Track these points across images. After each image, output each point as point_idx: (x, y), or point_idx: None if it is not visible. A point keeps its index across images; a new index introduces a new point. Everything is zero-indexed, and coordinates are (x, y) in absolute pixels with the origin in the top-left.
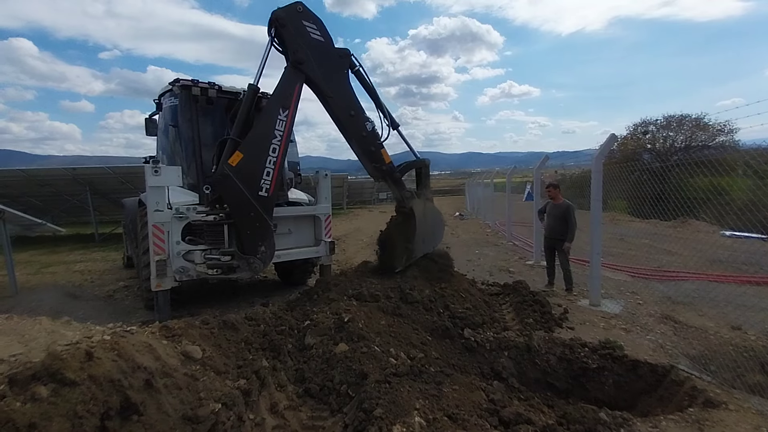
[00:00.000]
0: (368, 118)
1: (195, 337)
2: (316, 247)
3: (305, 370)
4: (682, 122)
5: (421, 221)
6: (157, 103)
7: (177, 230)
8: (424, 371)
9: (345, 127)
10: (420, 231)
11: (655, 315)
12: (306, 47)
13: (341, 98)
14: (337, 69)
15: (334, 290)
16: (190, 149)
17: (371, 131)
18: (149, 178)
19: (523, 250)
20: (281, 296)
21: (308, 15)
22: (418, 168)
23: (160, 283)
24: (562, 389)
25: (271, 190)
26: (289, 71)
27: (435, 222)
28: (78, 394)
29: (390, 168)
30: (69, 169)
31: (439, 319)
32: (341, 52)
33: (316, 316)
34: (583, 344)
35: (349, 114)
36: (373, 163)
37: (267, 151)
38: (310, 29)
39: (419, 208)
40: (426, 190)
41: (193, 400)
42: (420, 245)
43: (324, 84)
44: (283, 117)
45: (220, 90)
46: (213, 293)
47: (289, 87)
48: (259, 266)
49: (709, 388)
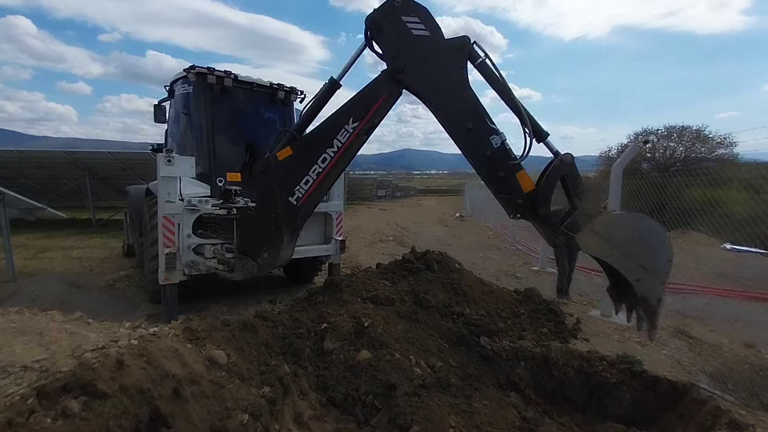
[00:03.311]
0: (495, 130)
1: (219, 340)
2: (327, 245)
3: (327, 377)
4: (682, 133)
5: (623, 245)
6: (168, 90)
7: (188, 223)
8: (452, 383)
9: (461, 143)
10: (630, 255)
11: (668, 329)
12: (408, 50)
13: (454, 106)
14: (450, 67)
15: (347, 291)
16: (202, 139)
17: (499, 148)
18: (162, 167)
19: (527, 255)
20: (288, 294)
21: (408, 7)
22: (561, 176)
23: (169, 277)
24: (580, 403)
25: (302, 200)
26: (380, 78)
27: (639, 232)
28: (110, 407)
29: (531, 199)
30: (69, 152)
31: (454, 325)
32: (456, 44)
33: (333, 319)
34: (600, 357)
35: (465, 127)
36: (504, 194)
37: (316, 158)
38: (412, 25)
39: (601, 230)
40: (586, 200)
41: (220, 410)
42: (652, 271)
43: (429, 90)
44: (350, 128)
45: (236, 79)
46: (218, 288)
47: (370, 97)
48: (253, 270)
49: (733, 409)
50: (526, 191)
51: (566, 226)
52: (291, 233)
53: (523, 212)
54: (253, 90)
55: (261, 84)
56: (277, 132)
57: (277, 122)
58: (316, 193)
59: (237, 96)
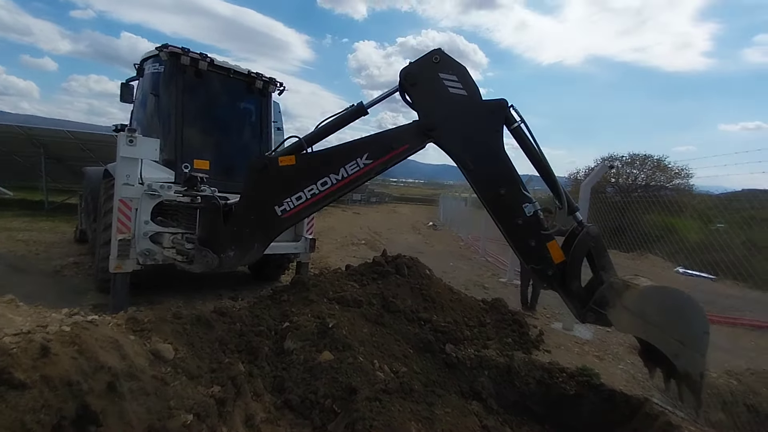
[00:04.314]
0: (529, 198)
1: (167, 333)
2: (296, 243)
3: (285, 378)
4: (645, 161)
5: (658, 320)
6: (138, 68)
7: (147, 208)
8: (414, 389)
9: (492, 208)
10: (666, 330)
11: (625, 344)
12: (443, 108)
13: (488, 170)
14: (486, 130)
15: (313, 291)
16: (170, 123)
17: (532, 217)
18: (122, 147)
19: (495, 266)
20: (251, 291)
21: (447, 64)
22: (588, 249)
23: (120, 265)
24: (539, 414)
25: (288, 213)
26: (410, 128)
27: (672, 305)
28: (27, 399)
29: (561, 271)
30: (24, 127)
31: (421, 331)
32: (493, 106)
33: (296, 318)
34: (561, 369)
35: (497, 192)
36: (533, 264)
37: (317, 179)
38: (449, 83)
39: (632, 306)
40: (612, 273)
41: (161, 408)
42: (690, 345)
43: (463, 151)
44: (362, 162)
45: (212, 63)
46: (175, 281)
47: (395, 141)
48: (213, 264)
49: (683, 425)
50: (557, 262)
51: (595, 302)
52: (264, 240)
53: (551, 285)
54: (230, 77)
55: (238, 71)
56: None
57: (253, 113)
58: (305, 212)
59: (211, 81)
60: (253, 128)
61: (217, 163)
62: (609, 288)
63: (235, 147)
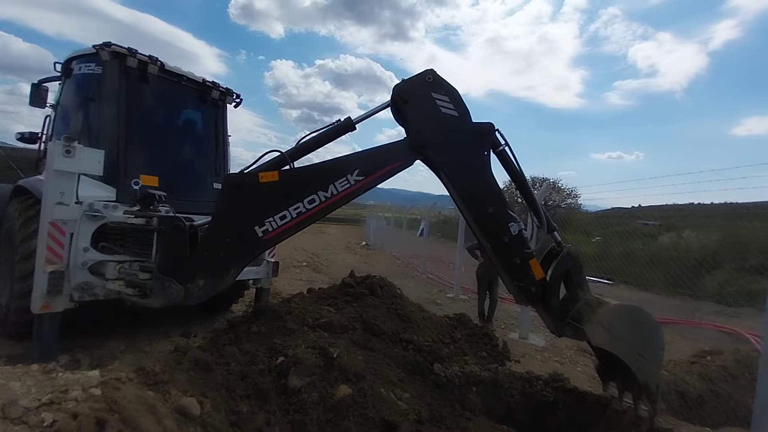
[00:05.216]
0: (514, 218)
1: (183, 383)
2: (257, 267)
3: (306, 422)
4: (543, 183)
5: (625, 335)
6: (63, 68)
7: (87, 233)
8: (444, 415)
9: (479, 226)
10: (632, 345)
11: (573, 348)
12: (434, 127)
13: (474, 190)
14: (475, 150)
15: (289, 319)
16: (110, 132)
17: (517, 235)
18: (57, 159)
19: (438, 283)
20: (201, 325)
21: (440, 85)
22: (568, 268)
23: (48, 304)
24: (522, 423)
25: (270, 234)
26: (401, 146)
27: (637, 323)
28: None
29: (541, 288)
30: None
31: (406, 353)
32: (481, 129)
33: (290, 351)
34: (537, 377)
35: (486, 210)
36: (517, 281)
37: (304, 197)
38: (440, 102)
39: (605, 322)
40: (587, 291)
41: None
42: (650, 359)
43: (452, 170)
44: (352, 179)
45: (163, 68)
46: (104, 319)
47: (387, 156)
48: (178, 296)
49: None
50: (538, 279)
51: (573, 317)
52: (241, 265)
53: (533, 301)
54: (182, 84)
55: (192, 78)
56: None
57: (207, 125)
58: (288, 232)
59: (160, 87)
60: (207, 142)
61: (168, 180)
62: (585, 305)
63: (188, 162)
